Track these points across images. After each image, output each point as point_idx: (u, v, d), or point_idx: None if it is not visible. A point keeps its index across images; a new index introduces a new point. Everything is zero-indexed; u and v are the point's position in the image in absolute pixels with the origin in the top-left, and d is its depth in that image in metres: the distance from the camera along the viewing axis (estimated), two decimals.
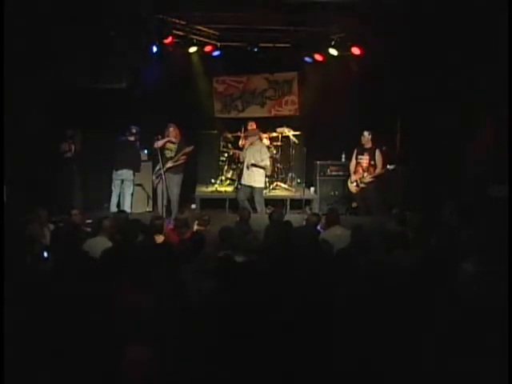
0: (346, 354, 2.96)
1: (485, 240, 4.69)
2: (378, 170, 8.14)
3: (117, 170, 8.37)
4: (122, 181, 8.40)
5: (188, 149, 8.18)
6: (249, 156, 8.42)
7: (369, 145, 8.26)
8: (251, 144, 8.51)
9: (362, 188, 8.29)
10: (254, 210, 8.20)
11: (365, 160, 8.24)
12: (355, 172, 8.37)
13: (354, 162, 8.43)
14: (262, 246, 5.18)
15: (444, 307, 3.38)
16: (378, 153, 8.17)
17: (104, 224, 5.31)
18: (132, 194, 8.52)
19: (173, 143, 8.20)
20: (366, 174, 8.21)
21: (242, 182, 8.61)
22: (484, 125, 7.52)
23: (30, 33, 6.79)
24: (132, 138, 8.48)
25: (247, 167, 8.42)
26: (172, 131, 8.20)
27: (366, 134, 8.23)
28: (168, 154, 8.18)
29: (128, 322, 3.15)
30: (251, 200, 8.44)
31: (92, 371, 2.78)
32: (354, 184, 8.39)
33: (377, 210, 8.15)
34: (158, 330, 3.06)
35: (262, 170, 8.42)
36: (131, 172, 8.43)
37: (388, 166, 8.00)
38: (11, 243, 4.43)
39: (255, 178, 8.40)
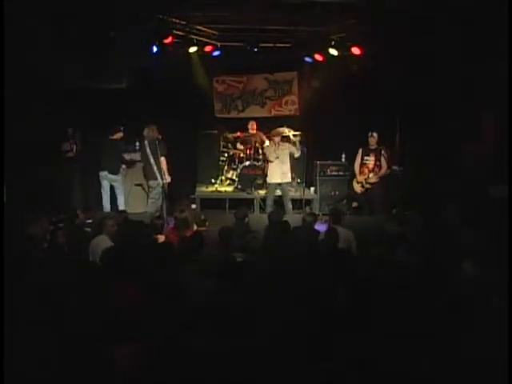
0: (346, 354, 2.96)
1: (485, 240, 4.69)
2: (383, 171, 8.24)
3: (101, 171, 8.25)
4: (109, 182, 8.25)
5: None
6: None
7: (375, 145, 8.31)
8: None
9: (368, 188, 8.34)
10: None
11: (371, 161, 8.28)
12: (361, 173, 8.39)
13: (358, 162, 8.45)
14: (261, 245, 5.16)
15: (444, 308, 3.38)
16: (383, 153, 8.26)
17: (105, 223, 5.31)
18: (125, 194, 8.42)
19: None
20: (371, 175, 8.26)
21: None
22: (484, 125, 7.52)
23: (29, 33, 6.79)
24: (115, 137, 8.27)
25: None
26: (150, 133, 7.66)
27: (375, 134, 8.26)
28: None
29: (128, 322, 3.15)
30: None
31: (93, 370, 2.79)
32: (360, 185, 8.41)
33: (379, 210, 8.21)
34: (158, 329, 3.06)
35: None
36: (112, 174, 8.21)
37: (394, 167, 8.04)
38: (11, 243, 4.44)
39: None
